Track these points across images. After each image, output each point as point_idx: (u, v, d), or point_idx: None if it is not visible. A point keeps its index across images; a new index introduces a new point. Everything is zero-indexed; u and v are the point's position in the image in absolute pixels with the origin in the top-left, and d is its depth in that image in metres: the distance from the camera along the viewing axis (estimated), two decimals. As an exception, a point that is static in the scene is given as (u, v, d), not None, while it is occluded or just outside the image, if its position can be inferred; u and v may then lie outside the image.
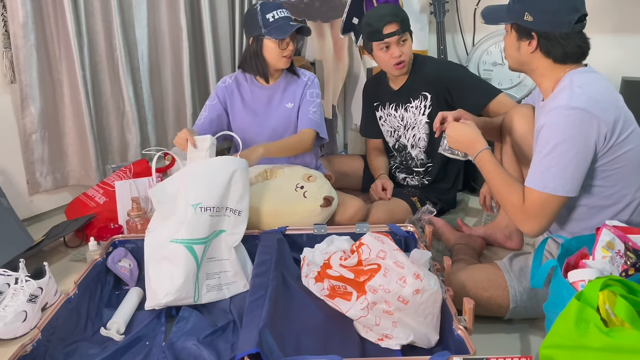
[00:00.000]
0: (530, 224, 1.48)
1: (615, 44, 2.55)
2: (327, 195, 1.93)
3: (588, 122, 1.38)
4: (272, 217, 1.87)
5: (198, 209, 1.60)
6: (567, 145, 1.39)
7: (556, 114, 1.41)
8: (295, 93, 2.21)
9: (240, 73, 2.26)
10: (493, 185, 1.56)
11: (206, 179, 1.66)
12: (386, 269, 1.36)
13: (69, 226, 2.14)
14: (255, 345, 1.18)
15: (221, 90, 2.24)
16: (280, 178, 2.00)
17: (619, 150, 1.43)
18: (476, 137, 1.62)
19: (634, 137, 1.45)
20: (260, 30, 2.05)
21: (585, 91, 1.41)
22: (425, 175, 2.35)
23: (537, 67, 1.53)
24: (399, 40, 2.11)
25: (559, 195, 1.42)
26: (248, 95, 2.23)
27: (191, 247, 1.57)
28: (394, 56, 2.12)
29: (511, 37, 1.55)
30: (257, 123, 2.21)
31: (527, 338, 1.55)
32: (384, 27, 2.09)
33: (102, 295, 1.67)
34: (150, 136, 2.83)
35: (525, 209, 1.47)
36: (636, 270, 1.24)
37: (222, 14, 3.06)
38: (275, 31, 2.04)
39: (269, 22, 2.05)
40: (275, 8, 2.07)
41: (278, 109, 2.21)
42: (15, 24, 2.21)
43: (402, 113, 2.29)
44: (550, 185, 1.42)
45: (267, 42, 2.08)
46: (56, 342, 1.40)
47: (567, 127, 1.39)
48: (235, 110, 2.23)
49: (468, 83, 2.16)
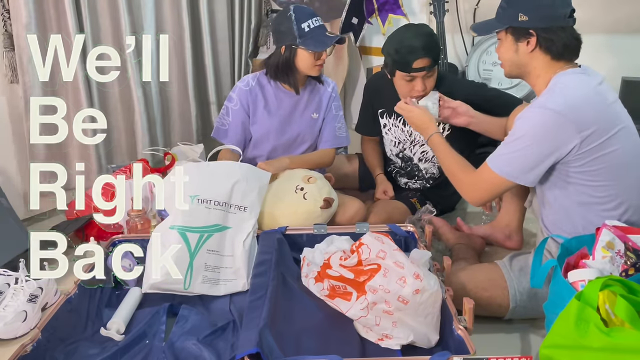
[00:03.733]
0: (475, 195, 1.63)
1: (615, 44, 2.55)
2: (327, 196, 1.92)
3: (558, 125, 1.43)
4: (271, 218, 1.87)
5: (195, 200, 1.69)
6: (532, 140, 1.47)
7: (532, 110, 1.49)
8: (321, 103, 2.19)
9: (263, 75, 2.17)
10: (445, 162, 1.73)
11: (207, 176, 1.74)
12: (386, 269, 1.36)
13: (69, 226, 2.14)
14: (255, 345, 1.18)
15: (244, 94, 2.15)
16: (280, 179, 2.00)
17: (602, 150, 1.45)
18: (429, 122, 1.81)
19: (620, 138, 1.46)
20: (295, 40, 1.97)
21: (565, 94, 1.45)
22: (429, 180, 2.32)
23: (534, 67, 1.54)
24: (426, 74, 1.98)
25: (508, 180, 1.52)
26: (272, 100, 2.16)
27: (184, 234, 1.64)
28: (416, 89, 1.99)
29: (507, 42, 1.57)
30: (279, 129, 2.16)
31: (527, 338, 1.55)
32: (414, 61, 1.93)
33: (102, 295, 1.67)
34: (159, 137, 2.83)
35: (476, 180, 1.60)
36: (636, 270, 1.24)
37: (221, 16, 3.05)
38: (312, 42, 1.97)
39: (304, 31, 1.97)
40: (310, 16, 2.00)
41: (303, 117, 2.18)
42: (18, 24, 2.21)
43: (410, 129, 2.20)
44: (505, 169, 1.52)
45: (302, 52, 2.00)
46: (56, 342, 1.40)
47: (537, 125, 1.46)
48: (258, 114, 2.16)
49: (492, 103, 2.06)
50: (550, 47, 1.50)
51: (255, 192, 1.80)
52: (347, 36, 2.98)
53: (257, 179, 1.85)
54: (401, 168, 2.36)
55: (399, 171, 2.37)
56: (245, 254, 1.70)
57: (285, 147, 2.19)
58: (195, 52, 2.93)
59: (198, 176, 1.75)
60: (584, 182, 1.49)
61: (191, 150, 2.59)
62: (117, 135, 2.67)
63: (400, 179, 2.38)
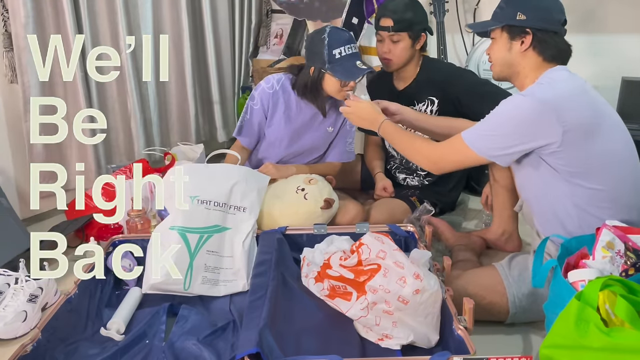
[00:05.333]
0: (440, 162, 1.64)
1: (615, 44, 2.55)
2: (328, 197, 1.92)
3: (542, 113, 1.43)
4: (272, 218, 1.88)
5: (195, 201, 1.70)
6: (513, 123, 1.48)
7: (518, 97, 1.50)
8: (338, 119, 2.17)
9: (288, 78, 2.13)
10: (402, 143, 1.73)
11: (206, 176, 1.75)
12: (386, 269, 1.36)
13: (69, 226, 2.14)
14: (255, 345, 1.18)
15: (267, 96, 2.11)
16: (281, 180, 2.01)
17: (587, 146, 1.44)
18: (377, 113, 1.80)
19: (610, 135, 1.47)
20: (324, 65, 1.93)
21: (553, 86, 1.47)
22: (426, 177, 2.34)
23: (523, 67, 1.56)
24: (390, 37, 2.12)
25: (475, 153, 1.53)
26: (293, 107, 2.13)
27: (184, 234, 1.65)
28: (382, 51, 2.16)
29: (501, 40, 1.58)
30: (293, 137, 2.14)
31: (528, 338, 1.55)
32: (380, 18, 2.12)
33: (102, 295, 1.67)
34: (155, 137, 2.83)
35: (444, 149, 1.61)
36: (636, 270, 1.24)
37: (222, 14, 3.05)
38: (340, 71, 1.92)
39: (334, 58, 1.92)
40: (344, 43, 1.93)
41: (319, 129, 2.16)
42: (17, 24, 2.20)
43: None
44: (477, 144, 1.52)
45: (329, 77, 1.96)
46: (56, 342, 1.40)
47: (521, 110, 1.47)
48: (276, 117, 2.13)
49: (479, 90, 2.12)
50: (544, 48, 1.52)
51: (254, 193, 1.81)
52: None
53: (256, 181, 1.86)
54: (400, 163, 2.40)
55: (398, 167, 2.41)
56: (245, 254, 1.70)
57: (295, 155, 2.18)
58: (196, 52, 2.93)
59: (197, 177, 1.76)
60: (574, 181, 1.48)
61: (191, 150, 2.60)
62: (115, 136, 2.68)
63: (398, 175, 2.41)
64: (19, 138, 2.32)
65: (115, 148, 2.69)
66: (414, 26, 2.12)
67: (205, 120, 3.06)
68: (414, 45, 2.16)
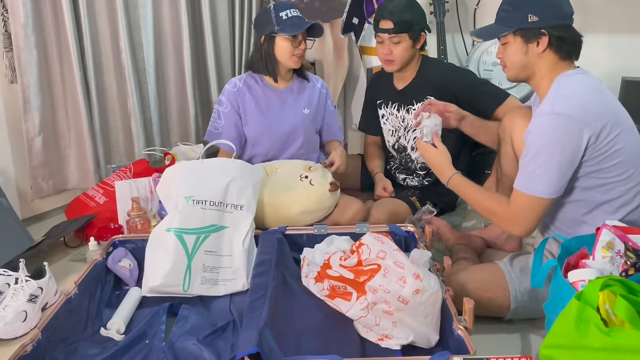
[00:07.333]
0: (518, 226, 1.53)
1: (616, 44, 2.55)
2: (332, 180, 2.02)
3: (571, 127, 1.41)
4: (286, 207, 1.94)
5: (190, 201, 1.68)
6: (551, 150, 1.43)
7: (540, 120, 1.46)
8: (311, 100, 2.26)
9: (249, 75, 2.26)
10: (473, 202, 1.64)
11: (201, 175, 1.75)
12: (386, 269, 1.36)
13: (69, 226, 2.14)
14: (255, 345, 1.18)
15: (233, 96, 2.21)
16: (282, 172, 2.05)
17: (608, 150, 1.44)
18: (446, 163, 1.71)
19: (623, 137, 1.46)
20: (273, 28, 2.07)
21: (569, 96, 1.44)
22: (426, 177, 2.34)
23: (540, 69, 1.53)
24: (391, 39, 2.12)
25: (545, 197, 1.46)
26: (261, 98, 2.23)
27: (181, 236, 1.64)
28: (383, 53, 2.16)
29: (516, 44, 1.54)
30: (272, 126, 2.22)
31: (527, 338, 1.55)
32: (380, 21, 2.12)
33: (102, 295, 1.67)
34: (155, 137, 2.83)
35: (512, 210, 1.52)
36: (636, 270, 1.24)
37: (222, 15, 3.05)
38: (288, 28, 2.06)
39: (282, 19, 2.07)
40: (288, 7, 2.10)
41: (294, 113, 2.23)
42: (17, 24, 2.21)
43: (404, 114, 2.28)
44: (536, 188, 1.46)
45: (279, 41, 2.09)
46: (56, 342, 1.40)
47: (551, 132, 1.43)
48: (249, 113, 2.22)
49: (476, 89, 2.14)
50: (561, 45, 1.50)
51: (250, 189, 1.79)
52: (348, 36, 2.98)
53: (251, 176, 1.84)
54: (400, 164, 2.40)
55: (398, 167, 2.42)
56: (245, 253, 1.70)
57: (281, 143, 2.24)
58: (196, 52, 2.93)
59: (192, 176, 1.75)
60: (588, 184, 1.49)
61: (191, 150, 2.60)
62: (115, 136, 2.68)
63: (398, 175, 2.41)
64: (19, 138, 2.33)
65: (115, 148, 2.69)
66: (413, 27, 2.12)
67: (205, 120, 3.06)
68: (414, 45, 2.16)
